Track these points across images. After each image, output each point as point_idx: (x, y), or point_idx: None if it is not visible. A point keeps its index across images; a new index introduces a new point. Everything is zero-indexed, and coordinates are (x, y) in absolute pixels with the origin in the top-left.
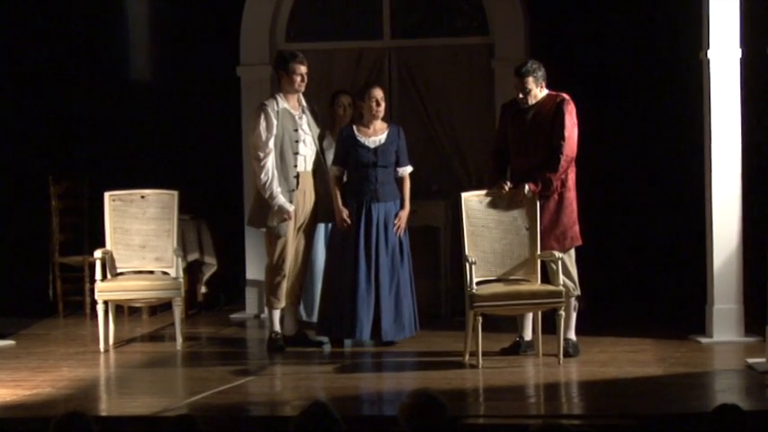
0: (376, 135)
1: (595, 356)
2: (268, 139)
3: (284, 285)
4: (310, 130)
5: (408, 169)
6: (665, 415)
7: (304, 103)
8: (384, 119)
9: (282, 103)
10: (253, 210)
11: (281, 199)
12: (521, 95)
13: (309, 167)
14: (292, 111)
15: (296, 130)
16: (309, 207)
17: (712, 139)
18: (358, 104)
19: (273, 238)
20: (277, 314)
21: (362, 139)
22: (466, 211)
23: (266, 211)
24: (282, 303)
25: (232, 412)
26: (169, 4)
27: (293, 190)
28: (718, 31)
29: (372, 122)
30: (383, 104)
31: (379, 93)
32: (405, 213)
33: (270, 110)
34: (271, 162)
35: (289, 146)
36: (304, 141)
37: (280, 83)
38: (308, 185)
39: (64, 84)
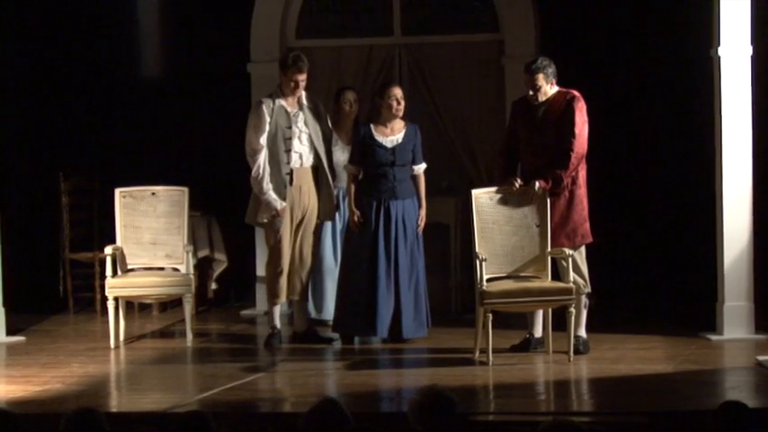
0: (394, 134)
1: (605, 354)
2: (260, 136)
3: (282, 281)
4: (307, 126)
5: (423, 166)
6: (675, 412)
7: (304, 101)
8: (402, 117)
9: (280, 100)
10: (250, 206)
11: (272, 195)
12: (531, 92)
13: (307, 164)
14: (288, 108)
15: (289, 128)
16: (308, 204)
17: (723, 135)
18: (377, 103)
19: (269, 233)
20: (277, 309)
21: (380, 138)
22: (476, 208)
23: (259, 206)
24: (282, 299)
25: (242, 409)
26: (179, 1)
27: (286, 186)
28: (729, 28)
29: (391, 121)
30: (403, 103)
31: (398, 91)
32: (423, 212)
33: (264, 107)
34: (263, 158)
35: (281, 143)
36: (299, 138)
37: (280, 80)
38: (304, 182)
39: (74, 80)
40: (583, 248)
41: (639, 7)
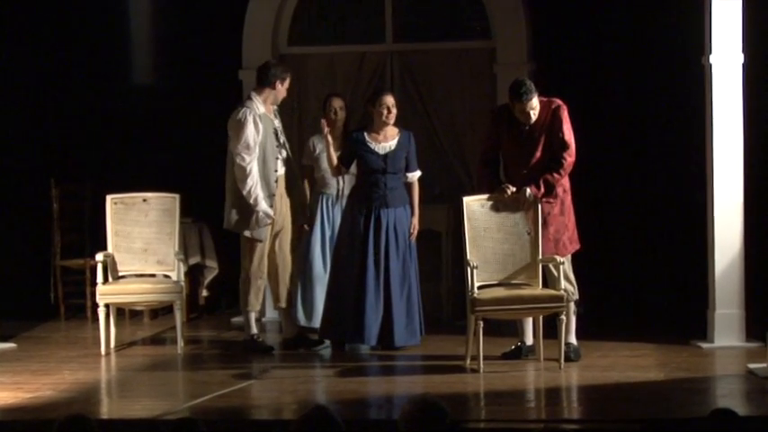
0: (386, 141)
1: (596, 361)
2: (255, 147)
3: (261, 288)
4: (283, 133)
5: (417, 174)
6: (666, 420)
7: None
8: (395, 124)
9: (261, 108)
10: (239, 214)
11: (264, 204)
12: (533, 116)
13: (283, 171)
14: (270, 115)
15: (276, 136)
16: (285, 210)
17: (714, 143)
18: (369, 110)
19: (253, 242)
20: (253, 316)
21: (372, 145)
22: (468, 215)
23: (248, 216)
24: (258, 306)
25: (233, 415)
26: (171, 7)
27: (273, 194)
28: (720, 36)
29: (383, 128)
30: (394, 111)
31: (389, 99)
32: (416, 220)
33: (255, 115)
34: (255, 169)
35: (271, 150)
36: (282, 146)
37: (263, 90)
38: (282, 189)
39: (65, 86)
40: (569, 255)
41: (631, 15)
